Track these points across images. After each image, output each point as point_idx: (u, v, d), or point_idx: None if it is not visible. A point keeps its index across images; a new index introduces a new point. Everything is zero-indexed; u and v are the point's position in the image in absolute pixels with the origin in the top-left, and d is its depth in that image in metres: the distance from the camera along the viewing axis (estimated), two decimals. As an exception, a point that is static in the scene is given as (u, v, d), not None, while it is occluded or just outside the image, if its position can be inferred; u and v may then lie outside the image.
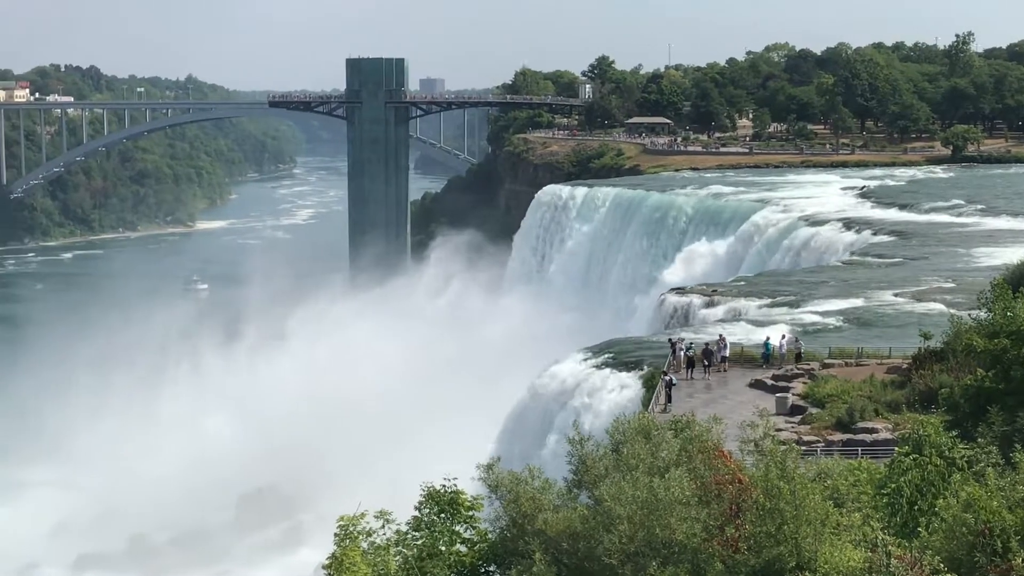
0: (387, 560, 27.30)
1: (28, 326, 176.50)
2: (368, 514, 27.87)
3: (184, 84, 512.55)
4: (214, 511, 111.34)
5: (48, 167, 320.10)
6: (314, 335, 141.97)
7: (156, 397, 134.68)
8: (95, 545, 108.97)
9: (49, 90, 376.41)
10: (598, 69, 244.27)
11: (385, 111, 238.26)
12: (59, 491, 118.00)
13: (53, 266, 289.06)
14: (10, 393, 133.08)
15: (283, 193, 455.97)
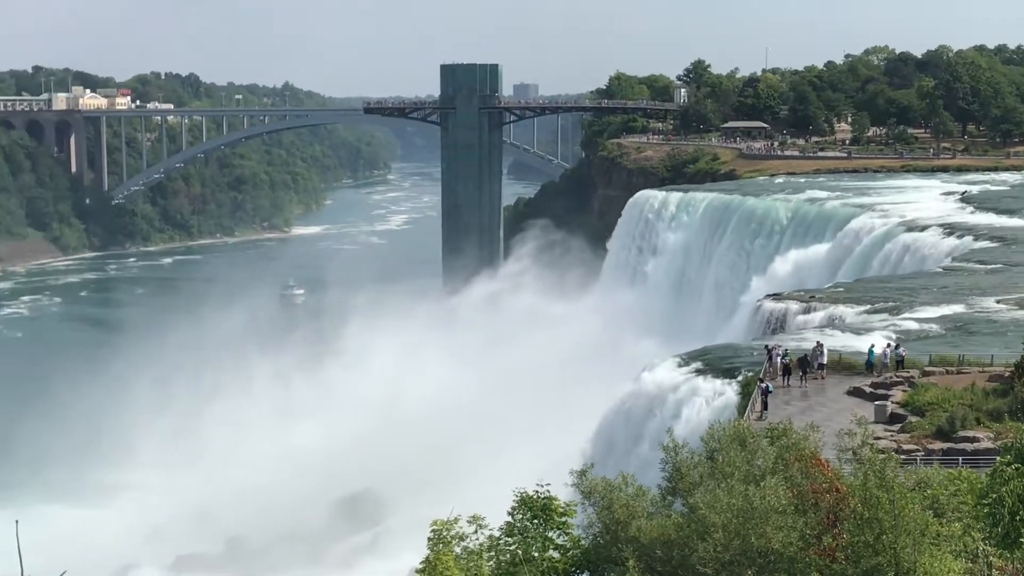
0: (480, 565, 27.23)
1: (128, 330, 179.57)
2: (461, 519, 27.82)
3: (281, 91, 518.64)
4: (307, 516, 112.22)
5: (148, 173, 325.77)
6: (407, 340, 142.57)
7: (252, 403, 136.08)
8: (192, 547, 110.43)
9: (150, 97, 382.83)
10: (693, 73, 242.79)
11: (479, 117, 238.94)
12: (157, 494, 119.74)
13: (153, 271, 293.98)
14: (110, 397, 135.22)
15: (377, 199, 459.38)
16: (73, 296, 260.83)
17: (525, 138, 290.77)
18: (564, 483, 28.13)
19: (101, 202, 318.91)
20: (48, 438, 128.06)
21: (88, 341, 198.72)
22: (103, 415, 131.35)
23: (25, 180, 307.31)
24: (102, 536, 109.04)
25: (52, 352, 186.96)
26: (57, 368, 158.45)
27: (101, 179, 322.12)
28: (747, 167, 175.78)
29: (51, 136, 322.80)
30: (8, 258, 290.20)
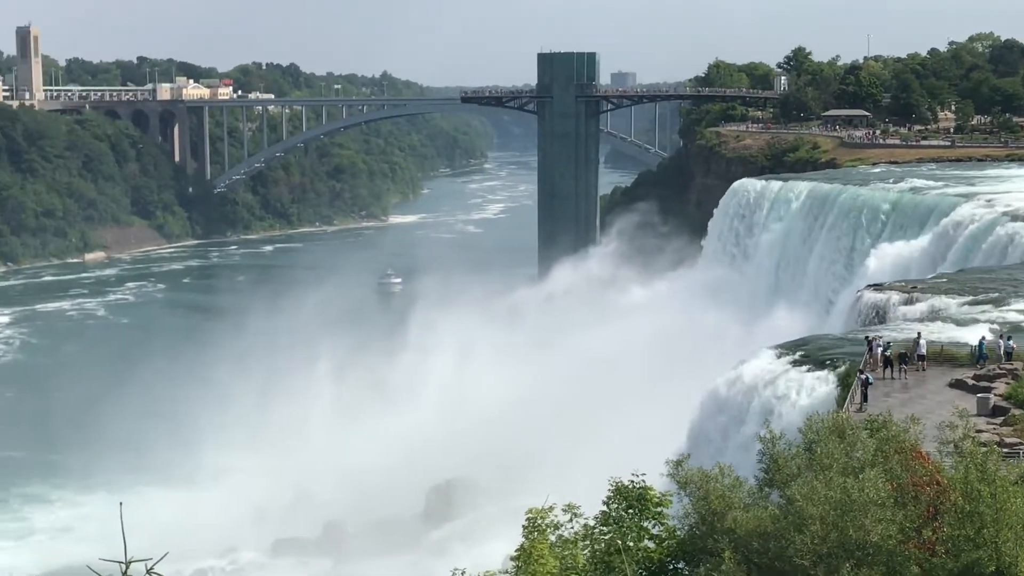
0: (575, 554, 27.24)
1: (230, 316, 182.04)
2: (556, 507, 27.85)
3: (379, 81, 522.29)
4: (403, 502, 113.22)
5: (250, 163, 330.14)
6: (503, 328, 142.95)
7: (350, 389, 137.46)
8: (290, 531, 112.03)
9: (251, 88, 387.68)
10: (794, 61, 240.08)
11: (576, 105, 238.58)
12: (258, 478, 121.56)
13: (254, 258, 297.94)
14: (212, 382, 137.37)
15: (474, 188, 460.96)
16: (176, 283, 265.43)
17: (622, 127, 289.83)
18: (660, 473, 28.02)
19: (203, 191, 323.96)
20: (152, 422, 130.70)
21: (191, 327, 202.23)
22: (206, 399, 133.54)
23: (130, 169, 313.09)
24: (203, 519, 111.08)
25: (156, 337, 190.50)
26: (161, 353, 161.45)
27: (204, 168, 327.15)
28: (848, 156, 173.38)
29: (155, 126, 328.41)
30: (114, 245, 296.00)
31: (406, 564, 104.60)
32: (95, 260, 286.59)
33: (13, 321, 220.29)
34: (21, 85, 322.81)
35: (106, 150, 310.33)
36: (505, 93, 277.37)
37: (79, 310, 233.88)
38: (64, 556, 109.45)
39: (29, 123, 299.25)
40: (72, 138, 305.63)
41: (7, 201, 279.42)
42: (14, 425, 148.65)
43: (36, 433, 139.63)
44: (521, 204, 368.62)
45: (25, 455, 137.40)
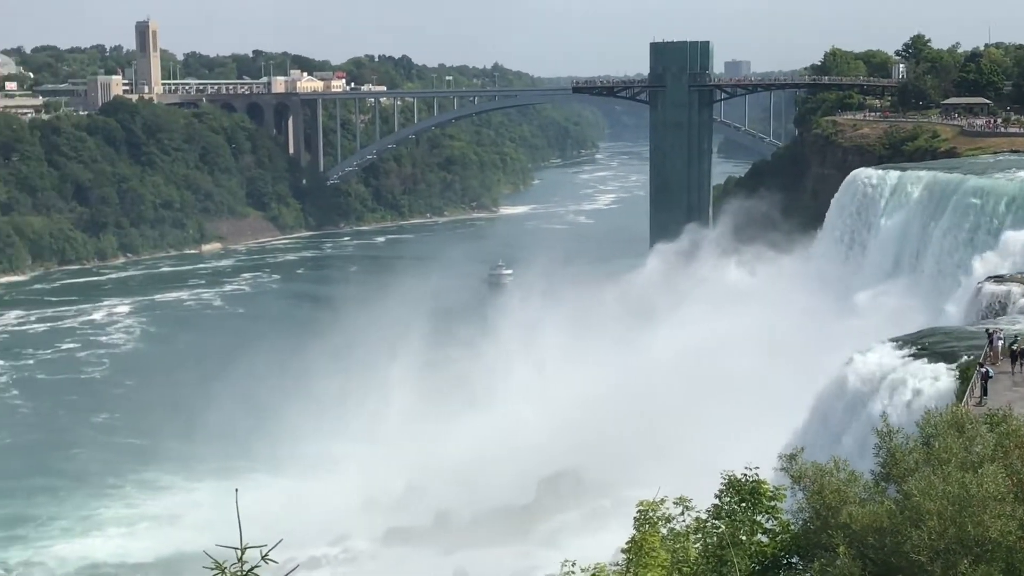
0: (687, 547, 27.01)
1: (343, 306, 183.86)
2: (667, 500, 27.65)
3: (490, 72, 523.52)
4: (514, 493, 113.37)
5: (362, 154, 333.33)
6: (613, 318, 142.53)
7: (460, 380, 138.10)
8: (402, 520, 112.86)
9: (363, 80, 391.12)
10: (912, 48, 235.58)
11: (688, 95, 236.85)
12: (368, 468, 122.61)
13: (366, 249, 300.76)
14: (324, 372, 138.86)
15: (585, 178, 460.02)
16: (290, 273, 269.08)
17: (736, 116, 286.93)
18: (773, 467, 27.66)
19: (317, 182, 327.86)
20: (265, 411, 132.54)
21: (305, 317, 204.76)
22: (319, 389, 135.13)
23: (246, 161, 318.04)
24: (316, 507, 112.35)
25: (271, 327, 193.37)
26: (274, 343, 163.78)
27: (317, 160, 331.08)
28: (968, 145, 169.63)
29: (270, 118, 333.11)
30: (229, 236, 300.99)
31: (516, 555, 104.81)
32: (211, 251, 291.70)
33: (133, 311, 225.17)
34: (140, 79, 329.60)
35: (222, 143, 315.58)
36: (617, 83, 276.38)
37: (196, 300, 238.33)
38: (173, 543, 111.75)
39: (148, 116, 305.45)
40: (189, 131, 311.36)
41: (127, 193, 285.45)
42: (134, 412, 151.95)
43: (153, 420, 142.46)
44: (633, 194, 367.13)
45: (143, 442, 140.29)
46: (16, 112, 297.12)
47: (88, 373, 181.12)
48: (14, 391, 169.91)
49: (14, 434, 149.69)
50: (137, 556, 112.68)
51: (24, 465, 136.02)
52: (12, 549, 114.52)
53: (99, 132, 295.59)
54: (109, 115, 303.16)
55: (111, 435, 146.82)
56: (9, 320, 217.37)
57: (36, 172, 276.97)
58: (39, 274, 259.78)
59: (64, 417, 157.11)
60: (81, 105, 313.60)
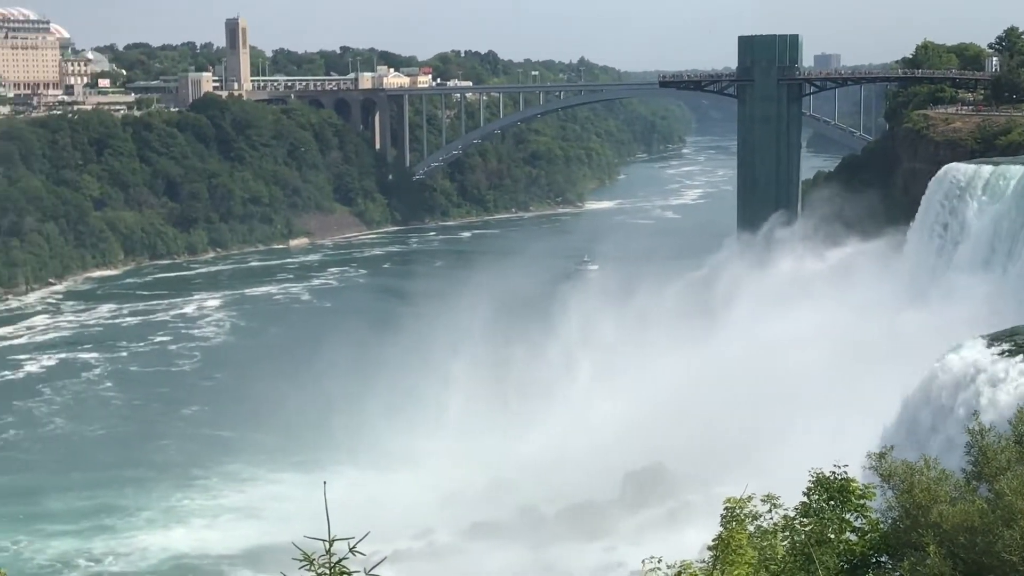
0: (774, 544, 26.78)
1: (429, 301, 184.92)
2: (755, 497, 27.44)
3: (576, 66, 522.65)
4: (599, 488, 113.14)
5: (447, 150, 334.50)
6: (698, 313, 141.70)
7: (548, 374, 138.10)
8: (487, 514, 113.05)
9: (450, 75, 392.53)
10: (1006, 41, 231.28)
11: (777, 89, 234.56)
12: (452, 462, 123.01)
13: (452, 244, 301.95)
14: (410, 366, 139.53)
15: (671, 173, 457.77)
16: (377, 268, 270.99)
17: (826, 110, 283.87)
18: (862, 465, 27.33)
19: (403, 178, 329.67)
20: (350, 404, 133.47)
21: (390, 311, 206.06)
22: (404, 383, 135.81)
23: (333, 157, 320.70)
24: (403, 500, 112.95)
25: (357, 321, 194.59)
26: (361, 337, 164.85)
27: (403, 155, 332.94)
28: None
29: (357, 114, 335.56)
30: (317, 231, 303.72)
31: (602, 550, 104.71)
32: (299, 246, 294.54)
33: (223, 304, 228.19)
34: (230, 76, 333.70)
35: (310, 139, 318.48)
36: (704, 77, 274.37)
37: (285, 294, 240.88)
38: (255, 535, 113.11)
39: (237, 113, 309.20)
40: (278, 127, 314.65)
41: (216, 189, 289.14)
42: (222, 405, 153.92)
43: (241, 413, 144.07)
44: (720, 189, 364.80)
45: (230, 434, 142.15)
46: (109, 109, 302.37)
47: (179, 366, 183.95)
48: (108, 383, 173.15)
49: (107, 425, 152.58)
50: (219, 548, 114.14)
51: (114, 456, 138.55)
52: (97, 539, 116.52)
53: (189, 128, 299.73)
54: (199, 111, 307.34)
55: (199, 427, 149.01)
56: (102, 314, 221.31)
57: (128, 168, 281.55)
58: (131, 268, 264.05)
59: (154, 409, 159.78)
60: (172, 102, 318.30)
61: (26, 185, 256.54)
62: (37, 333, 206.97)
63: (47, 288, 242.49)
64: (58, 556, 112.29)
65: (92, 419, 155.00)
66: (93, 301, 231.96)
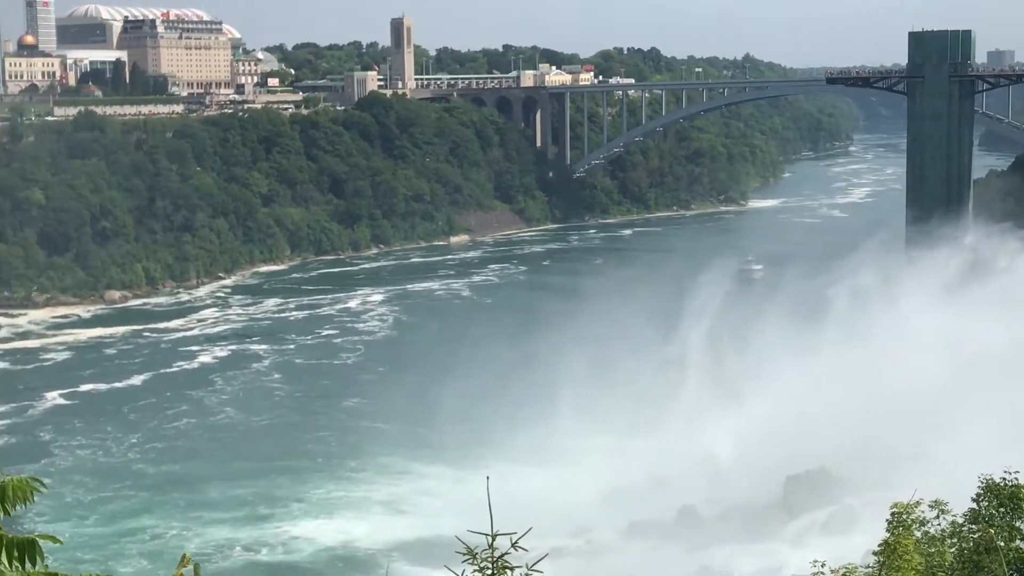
0: (942, 551, 26.11)
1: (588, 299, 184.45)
2: (923, 503, 26.78)
3: (741, 63, 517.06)
4: (761, 490, 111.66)
5: (609, 147, 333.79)
6: (863, 315, 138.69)
7: (703, 375, 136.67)
8: (645, 513, 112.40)
9: (612, 73, 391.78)
10: None
11: (949, 85, 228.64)
12: (611, 460, 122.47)
13: (612, 242, 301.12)
14: (571, 362, 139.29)
15: (837, 171, 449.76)
16: (536, 265, 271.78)
17: (999, 107, 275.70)
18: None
19: (563, 175, 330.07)
20: (511, 400, 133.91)
21: (551, 308, 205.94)
22: (563, 379, 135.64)
23: (494, 155, 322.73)
24: (562, 497, 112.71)
25: (517, 318, 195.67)
26: (521, 333, 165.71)
27: (564, 153, 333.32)
28: None
29: (518, 112, 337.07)
30: (477, 229, 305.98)
31: (762, 553, 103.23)
32: (459, 243, 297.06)
33: (386, 299, 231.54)
34: (394, 75, 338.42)
35: (471, 136, 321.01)
36: (873, 73, 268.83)
37: (446, 290, 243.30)
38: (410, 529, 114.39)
39: (401, 111, 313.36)
40: (440, 125, 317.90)
41: (380, 186, 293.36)
42: (382, 398, 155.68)
43: (401, 406, 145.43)
44: (888, 188, 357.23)
45: (389, 427, 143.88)
46: (278, 108, 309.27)
47: (342, 359, 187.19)
48: (275, 375, 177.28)
49: (271, 416, 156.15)
50: (369, 540, 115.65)
51: (275, 446, 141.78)
52: (252, 528, 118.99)
53: (355, 126, 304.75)
54: (364, 110, 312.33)
55: (358, 419, 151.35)
56: (269, 307, 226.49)
57: (295, 165, 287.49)
58: (296, 264, 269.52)
59: (317, 401, 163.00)
60: (338, 100, 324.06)
61: (198, 182, 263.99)
62: (207, 326, 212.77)
63: (216, 282, 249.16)
64: (214, 544, 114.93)
65: (258, 409, 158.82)
66: (260, 295, 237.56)
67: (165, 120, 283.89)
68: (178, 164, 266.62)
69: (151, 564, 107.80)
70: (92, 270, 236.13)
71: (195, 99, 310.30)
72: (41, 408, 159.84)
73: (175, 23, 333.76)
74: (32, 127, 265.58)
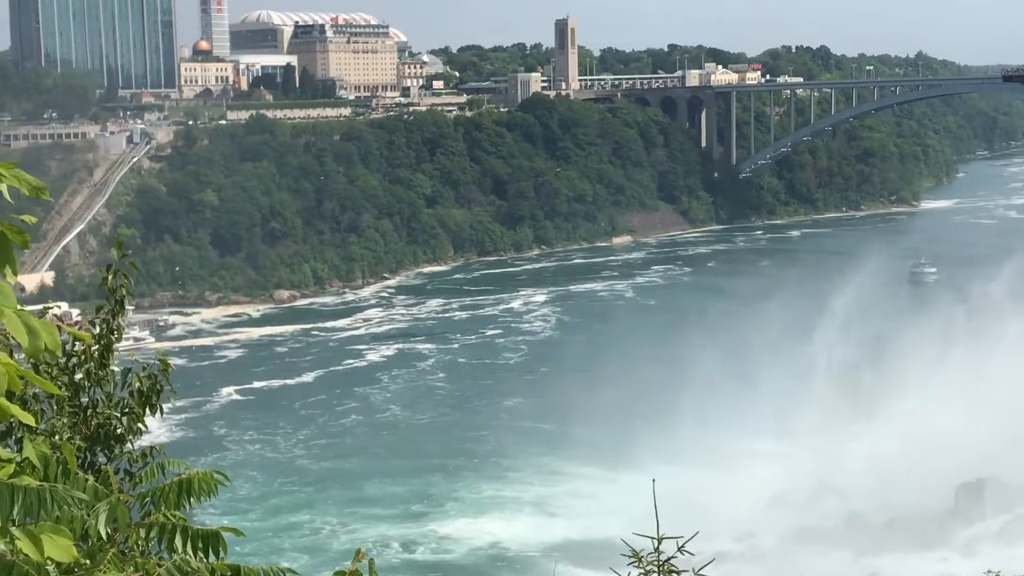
0: None
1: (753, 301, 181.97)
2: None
3: (913, 61, 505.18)
4: (931, 498, 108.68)
5: (776, 147, 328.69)
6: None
7: (872, 379, 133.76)
8: (811, 519, 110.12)
9: (779, 71, 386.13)
10: None
11: None
12: (778, 465, 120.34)
13: (780, 243, 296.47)
14: (734, 365, 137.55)
15: (1013, 171, 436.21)
16: (701, 266, 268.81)
17: None
18: None
19: (728, 176, 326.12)
20: (674, 402, 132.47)
21: (716, 310, 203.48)
22: (727, 382, 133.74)
23: (658, 155, 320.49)
24: (728, 501, 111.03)
25: (680, 319, 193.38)
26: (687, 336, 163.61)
27: (729, 153, 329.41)
28: None
29: (683, 112, 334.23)
30: (640, 229, 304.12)
31: (933, 561, 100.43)
32: (622, 244, 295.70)
33: (548, 300, 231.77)
34: (558, 76, 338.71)
35: (635, 137, 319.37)
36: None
37: (609, 291, 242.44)
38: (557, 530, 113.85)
39: (564, 112, 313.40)
40: (603, 126, 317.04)
41: (542, 187, 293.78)
42: (544, 398, 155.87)
43: (562, 406, 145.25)
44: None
45: (548, 427, 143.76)
46: (442, 110, 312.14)
47: (505, 359, 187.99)
48: (439, 373, 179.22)
49: (433, 415, 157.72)
50: (524, 540, 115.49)
51: (435, 445, 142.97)
52: (407, 525, 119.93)
53: (517, 128, 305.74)
54: (527, 111, 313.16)
55: (519, 419, 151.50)
56: (432, 307, 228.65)
57: (459, 167, 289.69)
58: (459, 264, 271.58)
59: (478, 400, 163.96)
60: (502, 102, 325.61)
61: (364, 184, 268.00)
62: (373, 325, 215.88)
63: (381, 282, 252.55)
64: (369, 541, 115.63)
65: (421, 408, 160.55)
66: (423, 295, 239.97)
67: (333, 123, 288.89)
68: (345, 166, 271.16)
69: (310, 559, 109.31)
70: (262, 270, 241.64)
71: (362, 102, 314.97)
72: (217, 403, 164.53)
73: (344, 27, 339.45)
74: (206, 131, 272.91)
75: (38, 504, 6.27)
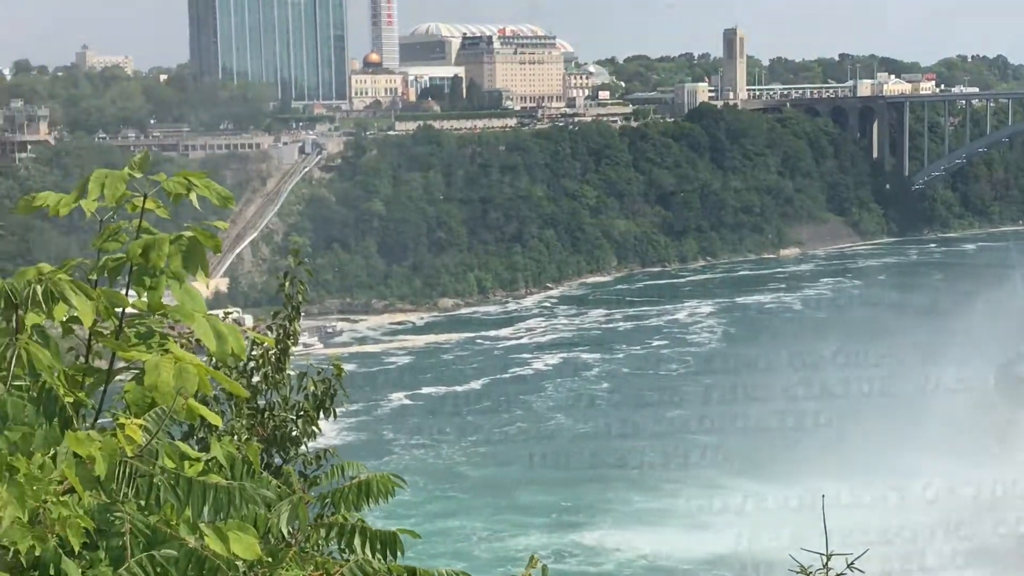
0: None
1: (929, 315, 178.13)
2: None
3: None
4: None
5: (950, 158, 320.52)
6: None
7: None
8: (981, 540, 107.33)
9: (955, 81, 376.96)
10: None
11: None
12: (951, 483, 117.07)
13: (954, 257, 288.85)
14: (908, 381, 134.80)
15: None
16: (872, 279, 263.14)
17: None
18: None
19: (900, 187, 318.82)
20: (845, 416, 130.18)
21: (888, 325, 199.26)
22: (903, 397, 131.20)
23: (827, 166, 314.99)
24: (895, 519, 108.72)
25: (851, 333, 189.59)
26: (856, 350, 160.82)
27: (902, 164, 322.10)
28: None
29: (854, 122, 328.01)
30: (808, 241, 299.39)
31: None
32: (789, 256, 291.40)
33: (714, 312, 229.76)
34: (726, 85, 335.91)
35: (804, 148, 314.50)
36: None
37: (776, 303, 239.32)
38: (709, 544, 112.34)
39: (732, 122, 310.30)
40: (772, 136, 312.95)
41: (708, 198, 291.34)
42: (706, 409, 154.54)
43: (723, 419, 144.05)
44: None
45: (708, 440, 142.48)
46: (608, 120, 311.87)
47: (669, 370, 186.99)
48: (603, 383, 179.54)
49: (595, 425, 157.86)
50: (674, 554, 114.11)
51: (593, 454, 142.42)
52: (558, 535, 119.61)
53: (684, 138, 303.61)
54: (694, 121, 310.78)
55: (680, 431, 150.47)
56: (595, 317, 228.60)
57: (623, 177, 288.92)
58: (622, 275, 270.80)
59: (640, 410, 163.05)
60: (668, 112, 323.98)
61: (529, 194, 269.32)
62: (536, 334, 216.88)
63: (543, 292, 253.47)
64: (517, 550, 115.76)
65: (584, 417, 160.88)
66: (585, 306, 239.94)
67: (498, 133, 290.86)
68: (510, 177, 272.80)
69: (460, 566, 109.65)
70: (427, 278, 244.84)
71: (527, 113, 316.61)
72: (387, 408, 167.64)
73: (511, 39, 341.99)
74: (375, 141, 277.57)
75: (227, 502, 6.49)
